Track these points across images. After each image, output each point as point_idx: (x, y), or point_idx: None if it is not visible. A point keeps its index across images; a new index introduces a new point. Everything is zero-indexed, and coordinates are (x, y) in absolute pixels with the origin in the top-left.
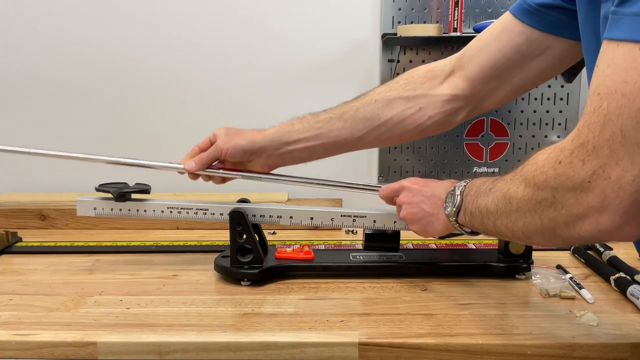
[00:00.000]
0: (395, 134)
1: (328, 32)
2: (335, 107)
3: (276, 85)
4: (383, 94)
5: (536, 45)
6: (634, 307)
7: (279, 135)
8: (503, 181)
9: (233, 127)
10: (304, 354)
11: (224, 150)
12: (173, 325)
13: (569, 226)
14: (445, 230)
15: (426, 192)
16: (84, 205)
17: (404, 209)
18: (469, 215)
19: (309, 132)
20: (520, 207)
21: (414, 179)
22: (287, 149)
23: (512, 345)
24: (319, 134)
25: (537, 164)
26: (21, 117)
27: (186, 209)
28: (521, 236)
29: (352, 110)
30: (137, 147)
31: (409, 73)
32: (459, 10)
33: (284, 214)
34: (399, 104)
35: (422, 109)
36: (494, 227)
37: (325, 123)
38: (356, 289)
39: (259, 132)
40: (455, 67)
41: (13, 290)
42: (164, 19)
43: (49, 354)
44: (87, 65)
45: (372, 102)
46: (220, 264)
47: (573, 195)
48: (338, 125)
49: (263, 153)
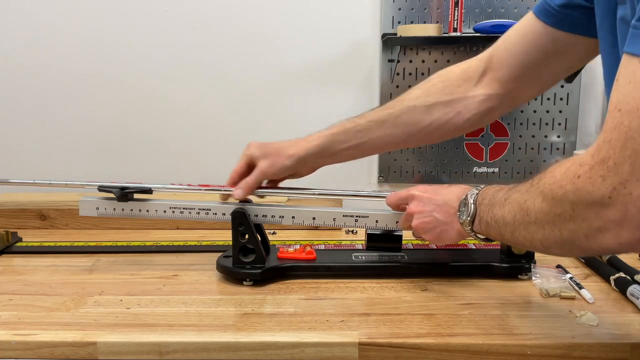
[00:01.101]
0: (433, 137)
1: (328, 32)
2: (373, 112)
3: (276, 85)
4: (422, 100)
5: (561, 44)
6: (634, 307)
7: (321, 149)
8: (518, 192)
9: (262, 142)
10: (304, 354)
11: (269, 174)
12: (173, 325)
13: (589, 239)
14: (460, 238)
15: (437, 200)
16: (87, 205)
17: (416, 218)
18: (485, 225)
19: (352, 141)
20: (538, 219)
21: (422, 186)
22: (330, 159)
23: (512, 345)
24: (360, 142)
25: (555, 177)
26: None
27: (188, 209)
28: (540, 247)
29: (392, 117)
30: (138, 148)
31: (444, 75)
32: (459, 10)
33: (286, 214)
34: (438, 109)
35: (460, 112)
36: (512, 237)
37: (366, 132)
38: (356, 289)
39: (298, 146)
40: (486, 67)
41: (13, 290)
42: (164, 19)
43: (49, 354)
44: (88, 65)
45: (411, 108)
46: (223, 264)
47: (593, 210)
48: (379, 133)
49: (305, 165)
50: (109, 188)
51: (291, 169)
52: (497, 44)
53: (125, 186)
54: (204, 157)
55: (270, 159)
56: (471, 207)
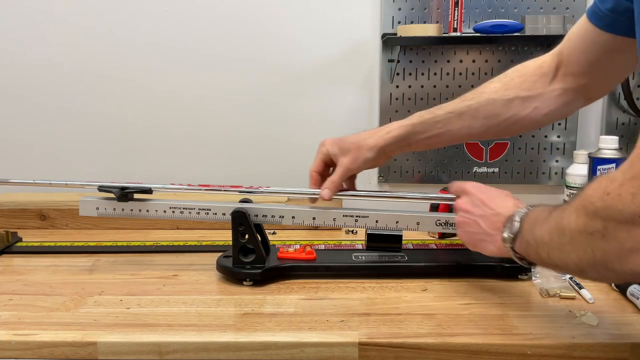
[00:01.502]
0: (511, 130)
1: (328, 32)
2: (451, 103)
3: (276, 85)
4: (501, 94)
5: (618, 44)
6: (634, 307)
7: (400, 139)
8: (558, 210)
9: (336, 138)
10: (304, 354)
11: (353, 169)
12: (173, 325)
13: (622, 261)
14: (498, 254)
15: (488, 208)
16: (87, 205)
17: (460, 215)
18: (525, 244)
19: (430, 132)
20: (573, 238)
21: (480, 185)
22: (407, 148)
23: (512, 345)
24: (439, 133)
25: (588, 193)
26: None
27: (188, 209)
28: (575, 269)
29: (471, 110)
30: (138, 148)
31: (520, 70)
32: (459, 10)
33: (286, 214)
34: (516, 104)
35: (538, 107)
36: (548, 259)
37: (445, 123)
38: (356, 289)
39: (376, 136)
40: (559, 62)
41: (13, 290)
42: (164, 19)
43: (49, 354)
44: (89, 66)
45: (490, 101)
46: (223, 264)
47: (625, 229)
48: (457, 125)
49: (384, 155)
50: (109, 188)
51: (372, 161)
52: (564, 40)
53: (125, 186)
54: (204, 157)
55: (351, 154)
56: (516, 225)
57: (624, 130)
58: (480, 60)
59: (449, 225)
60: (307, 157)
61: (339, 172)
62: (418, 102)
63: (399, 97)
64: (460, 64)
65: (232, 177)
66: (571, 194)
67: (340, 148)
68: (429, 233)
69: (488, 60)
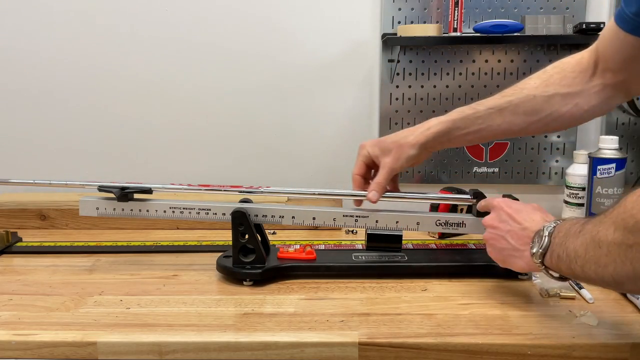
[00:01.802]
0: (551, 127)
1: (328, 32)
2: (492, 99)
3: (276, 85)
4: (541, 90)
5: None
6: (634, 307)
7: (440, 135)
8: (592, 223)
9: (375, 139)
10: (304, 354)
11: (396, 169)
12: (173, 325)
13: None
14: (528, 269)
15: (516, 223)
16: (87, 206)
17: (488, 232)
18: (556, 259)
19: (471, 127)
20: (610, 251)
21: (508, 200)
22: (447, 144)
23: (512, 345)
24: (480, 129)
25: (627, 206)
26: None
27: (188, 209)
28: (611, 282)
29: (512, 105)
30: (138, 148)
31: (559, 66)
32: (459, 10)
33: (286, 214)
34: (557, 100)
35: (578, 103)
36: (582, 272)
37: (485, 118)
38: (356, 289)
39: (417, 133)
40: (596, 58)
41: (13, 290)
42: (164, 20)
43: (49, 354)
44: (89, 67)
45: (531, 97)
46: (223, 264)
47: None
48: (498, 121)
49: (425, 151)
50: (109, 188)
51: (414, 158)
52: (599, 38)
53: (125, 186)
54: (203, 157)
55: (393, 154)
56: (545, 240)
57: (624, 130)
58: (480, 60)
59: (449, 225)
60: (307, 157)
61: (383, 173)
62: (418, 102)
63: (399, 97)
64: (460, 64)
65: (232, 177)
66: (571, 194)
67: (381, 149)
68: (429, 233)
69: (488, 60)
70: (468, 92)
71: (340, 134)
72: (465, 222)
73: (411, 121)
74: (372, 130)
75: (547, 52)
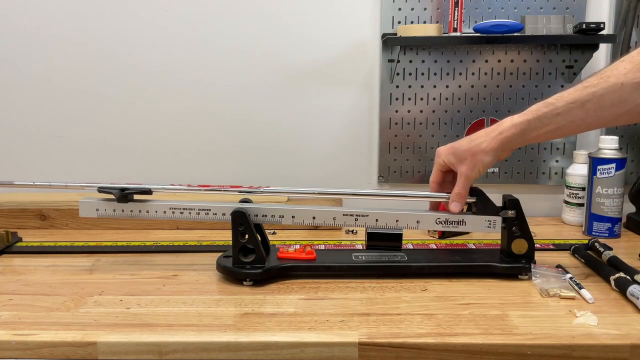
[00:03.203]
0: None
1: (328, 32)
2: (572, 91)
3: (276, 86)
4: (630, 76)
5: None
6: (634, 307)
7: (514, 137)
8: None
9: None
10: (304, 354)
11: (474, 176)
12: (173, 325)
13: None
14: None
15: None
16: (87, 207)
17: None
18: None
19: (549, 126)
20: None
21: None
22: (522, 143)
23: (512, 345)
24: (560, 126)
25: None
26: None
27: (188, 209)
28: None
29: (596, 97)
30: (138, 149)
31: None
32: (459, 10)
33: (286, 213)
34: None
35: None
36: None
37: (565, 115)
38: (356, 289)
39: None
40: None
41: (13, 290)
42: (164, 20)
43: (49, 354)
44: (90, 67)
45: (618, 86)
46: (223, 264)
47: None
48: (580, 115)
49: (502, 153)
50: (108, 189)
51: (490, 163)
52: None
53: (125, 187)
54: (203, 157)
55: (468, 163)
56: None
57: (624, 130)
58: (480, 60)
59: (449, 223)
60: (307, 157)
61: (462, 183)
62: (418, 102)
63: (399, 97)
64: (460, 63)
65: (232, 177)
66: (571, 194)
67: (457, 157)
68: (429, 233)
69: (488, 60)
70: (468, 91)
71: (340, 133)
72: (465, 221)
73: (411, 121)
74: (372, 130)
75: (547, 52)
